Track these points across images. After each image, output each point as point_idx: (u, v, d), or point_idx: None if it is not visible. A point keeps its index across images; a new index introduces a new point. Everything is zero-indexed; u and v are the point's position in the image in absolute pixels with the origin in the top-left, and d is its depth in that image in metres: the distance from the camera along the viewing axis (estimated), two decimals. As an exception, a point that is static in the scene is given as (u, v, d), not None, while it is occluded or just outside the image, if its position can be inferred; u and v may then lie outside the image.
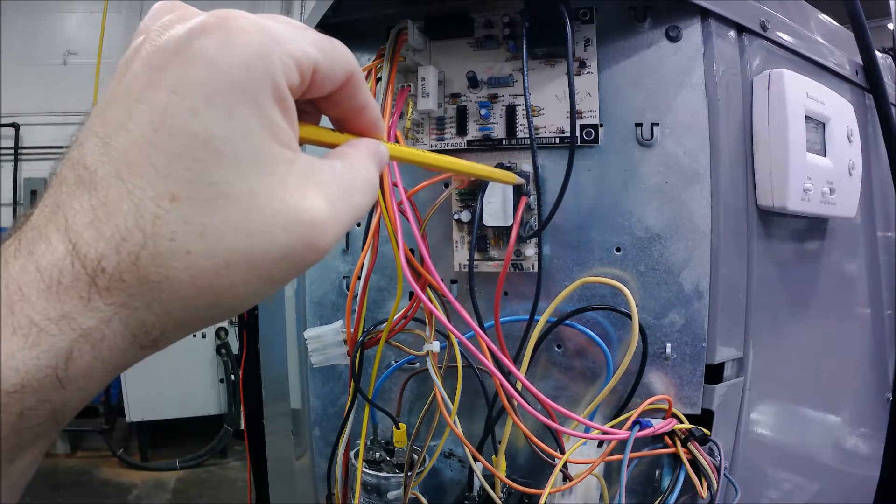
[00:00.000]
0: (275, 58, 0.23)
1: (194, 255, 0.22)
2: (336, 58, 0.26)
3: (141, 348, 0.23)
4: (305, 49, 0.24)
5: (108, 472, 3.65)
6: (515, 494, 0.63)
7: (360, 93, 0.29)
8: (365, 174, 0.28)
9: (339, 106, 0.29)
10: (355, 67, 0.28)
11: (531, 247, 0.63)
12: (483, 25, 0.65)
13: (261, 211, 0.22)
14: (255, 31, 0.23)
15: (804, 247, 0.78)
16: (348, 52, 0.27)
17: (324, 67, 0.25)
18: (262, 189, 0.23)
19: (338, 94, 0.28)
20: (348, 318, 0.65)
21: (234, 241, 0.22)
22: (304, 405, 0.75)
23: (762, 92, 0.65)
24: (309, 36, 0.25)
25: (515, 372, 0.58)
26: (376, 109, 0.31)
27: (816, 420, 0.86)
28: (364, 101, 0.29)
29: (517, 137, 0.64)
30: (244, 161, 0.22)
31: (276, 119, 0.23)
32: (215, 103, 0.22)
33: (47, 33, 4.58)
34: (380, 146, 0.30)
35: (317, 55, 0.25)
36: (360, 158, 0.28)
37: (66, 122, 4.54)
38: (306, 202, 0.24)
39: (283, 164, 0.23)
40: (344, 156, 0.28)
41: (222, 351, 3.69)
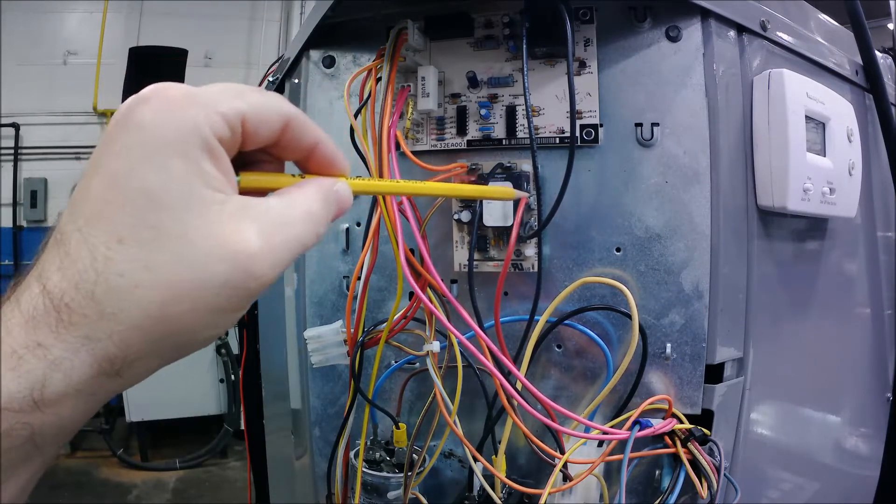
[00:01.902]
0: (200, 116, 0.27)
1: (142, 288, 0.26)
2: (266, 107, 0.29)
3: (108, 377, 0.26)
4: (231, 104, 0.28)
5: (108, 472, 3.65)
6: (515, 494, 0.63)
7: (305, 134, 0.32)
8: (305, 209, 0.30)
9: (290, 150, 0.32)
10: (292, 112, 0.31)
11: (531, 247, 0.63)
12: (483, 25, 0.65)
13: (196, 246, 0.26)
14: (183, 95, 0.27)
15: (804, 247, 0.78)
16: (283, 100, 0.31)
17: (253, 117, 0.29)
18: (196, 227, 0.26)
19: (283, 140, 0.31)
20: (348, 318, 0.65)
21: (176, 274, 0.26)
22: (304, 405, 0.75)
23: (762, 92, 0.65)
24: (238, 93, 0.29)
25: (515, 372, 0.58)
26: (330, 147, 0.33)
27: (816, 420, 0.86)
28: (313, 141, 0.32)
29: (517, 137, 0.64)
30: (178, 205, 0.26)
31: (205, 168, 0.27)
32: (151, 160, 0.26)
33: (47, 33, 4.57)
34: (335, 183, 0.32)
35: (244, 108, 0.28)
36: (303, 195, 0.31)
37: (66, 122, 4.54)
38: (238, 235, 0.27)
39: (214, 205, 0.27)
40: (285, 193, 0.31)
41: (222, 351, 3.69)
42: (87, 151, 4.58)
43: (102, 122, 4.62)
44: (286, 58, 0.83)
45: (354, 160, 0.64)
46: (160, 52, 3.65)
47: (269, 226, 0.28)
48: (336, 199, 0.32)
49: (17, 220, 4.56)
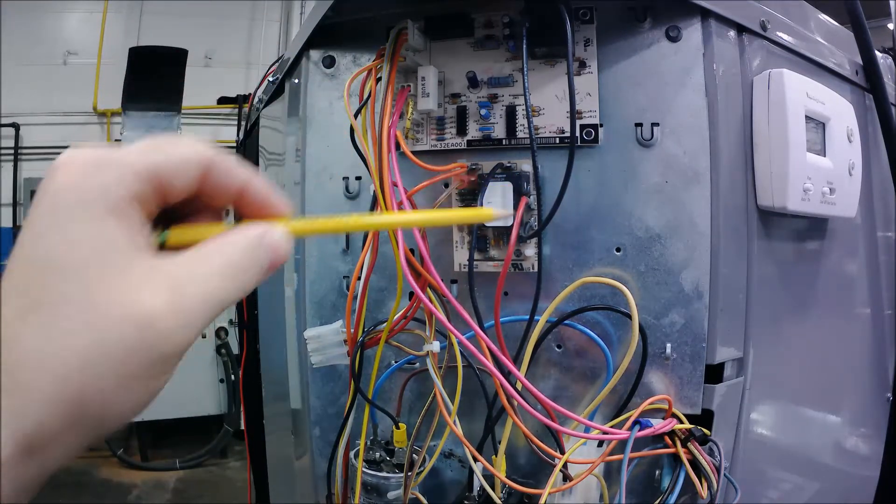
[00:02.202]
0: (109, 178, 0.27)
1: (51, 357, 0.25)
2: (179, 156, 0.28)
3: (27, 458, 0.25)
4: (142, 160, 0.27)
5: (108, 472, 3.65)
6: (515, 494, 0.63)
7: (228, 178, 0.30)
8: (221, 262, 0.29)
9: (215, 196, 0.31)
10: (209, 158, 0.29)
11: (531, 247, 0.63)
12: (483, 25, 0.65)
13: (101, 312, 0.26)
14: (92, 159, 0.27)
15: (804, 247, 0.78)
16: (198, 146, 0.29)
17: (165, 170, 0.28)
18: (101, 292, 0.26)
19: (206, 187, 0.30)
20: (348, 318, 0.65)
21: (82, 342, 0.25)
22: (304, 405, 0.75)
23: (762, 92, 0.66)
24: (150, 148, 0.28)
25: (515, 372, 0.58)
26: (260, 189, 0.31)
27: (816, 420, 0.86)
28: (239, 184, 0.31)
29: (517, 137, 0.64)
30: (82, 271, 0.26)
31: (112, 232, 0.26)
32: (55, 227, 0.26)
33: (47, 33, 4.57)
34: (265, 230, 0.30)
35: (156, 159, 0.28)
36: (220, 246, 0.29)
37: (66, 122, 4.54)
38: (142, 296, 0.26)
39: (119, 268, 0.26)
40: (202, 246, 0.29)
41: (222, 351, 3.69)
42: (88, 151, 4.58)
43: (102, 122, 4.62)
44: (286, 58, 0.83)
45: (355, 160, 0.64)
46: (160, 52, 3.65)
47: (177, 284, 0.27)
48: (267, 246, 0.30)
49: (17, 220, 4.56)
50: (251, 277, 0.30)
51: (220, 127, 4.67)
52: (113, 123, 4.53)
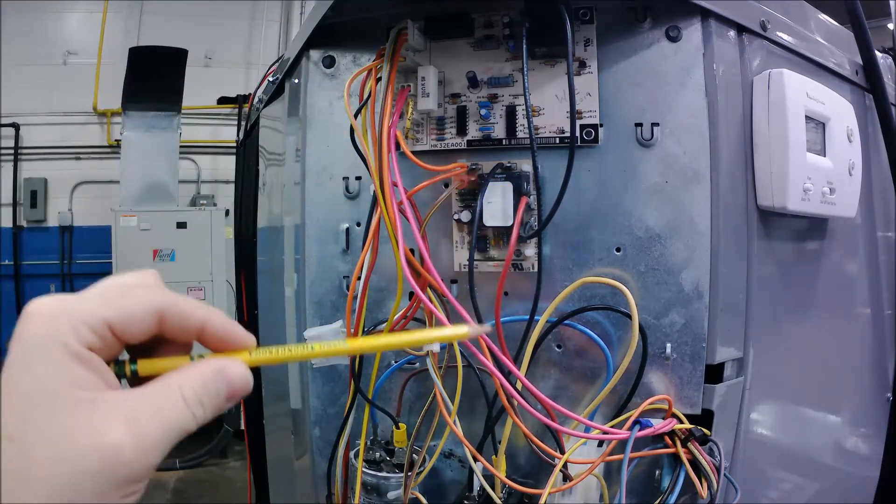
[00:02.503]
0: (66, 329, 0.30)
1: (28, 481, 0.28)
2: (131, 308, 0.32)
3: None
4: (94, 313, 0.31)
5: (108, 472, 3.64)
6: (515, 494, 0.63)
7: (186, 321, 0.33)
8: (179, 394, 0.32)
9: (177, 336, 0.34)
10: (164, 304, 0.33)
11: (531, 247, 0.63)
12: (483, 25, 0.65)
13: (68, 443, 0.29)
14: (53, 311, 0.30)
15: (804, 247, 0.78)
16: (152, 295, 0.33)
17: (118, 321, 0.31)
18: (68, 425, 0.29)
19: (165, 330, 0.33)
20: (348, 318, 0.65)
21: (53, 469, 0.29)
22: (304, 405, 0.75)
23: (762, 92, 0.65)
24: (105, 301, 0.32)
25: (515, 372, 0.58)
26: (219, 325, 0.34)
27: (816, 420, 0.86)
28: (197, 325, 0.34)
29: (517, 137, 0.64)
30: (48, 407, 0.29)
31: (75, 372, 0.30)
32: (25, 368, 0.30)
33: (47, 33, 4.57)
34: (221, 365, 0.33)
35: (108, 315, 0.31)
36: (179, 379, 0.32)
37: (66, 122, 4.55)
38: (103, 429, 0.29)
39: (84, 403, 0.30)
40: (163, 379, 0.33)
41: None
42: (87, 151, 4.59)
43: (102, 122, 4.62)
44: (286, 58, 0.83)
45: (355, 160, 0.64)
46: (160, 52, 3.65)
47: (137, 415, 0.31)
48: (222, 379, 0.33)
49: (17, 220, 4.56)
50: (209, 408, 0.33)
51: (220, 127, 4.67)
52: (113, 123, 4.53)
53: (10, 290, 4.47)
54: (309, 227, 0.73)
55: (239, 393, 0.34)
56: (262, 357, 0.35)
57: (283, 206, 0.84)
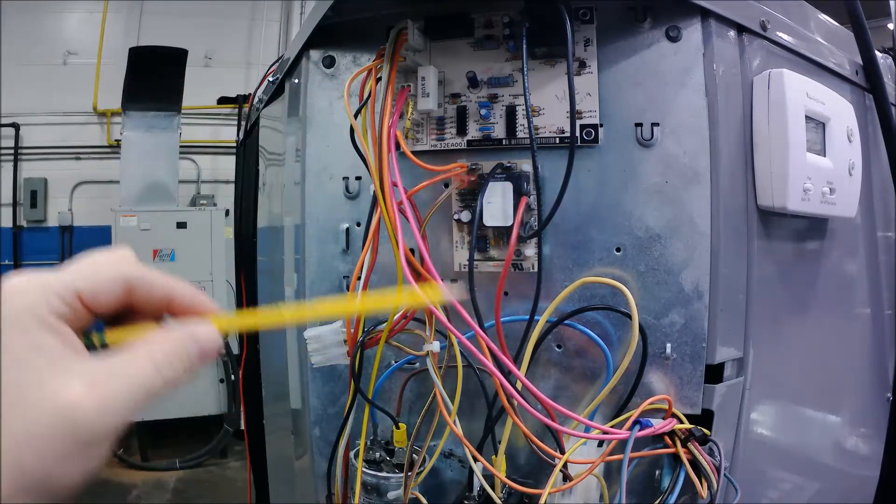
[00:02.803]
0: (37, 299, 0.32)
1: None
2: (100, 278, 0.34)
3: None
4: (64, 283, 0.33)
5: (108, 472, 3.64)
6: (515, 494, 0.63)
7: (153, 290, 0.35)
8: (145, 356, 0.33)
9: (146, 306, 0.36)
10: (131, 275, 0.35)
11: (531, 247, 0.63)
12: (483, 25, 0.65)
13: (32, 404, 0.30)
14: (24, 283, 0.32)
15: (804, 247, 0.78)
16: (121, 266, 0.35)
17: (87, 289, 0.33)
18: (32, 388, 0.31)
19: (134, 300, 0.35)
20: (348, 318, 0.65)
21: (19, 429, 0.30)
22: (304, 405, 0.75)
23: (762, 92, 0.65)
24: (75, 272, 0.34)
25: (515, 372, 0.58)
26: (186, 295, 0.36)
27: (816, 420, 0.86)
28: (165, 293, 0.36)
29: (517, 137, 0.64)
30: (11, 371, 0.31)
31: (43, 340, 0.32)
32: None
33: (47, 33, 4.57)
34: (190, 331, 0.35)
35: (77, 284, 0.33)
36: (147, 343, 0.34)
37: (66, 122, 4.54)
38: (65, 389, 0.31)
39: (48, 368, 0.31)
40: (130, 346, 0.34)
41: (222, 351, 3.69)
42: (87, 151, 4.59)
43: (102, 122, 4.62)
44: (286, 58, 0.83)
45: (355, 160, 0.64)
46: (160, 52, 3.65)
47: (100, 377, 0.32)
48: (192, 342, 0.35)
49: (17, 220, 4.56)
50: (178, 369, 0.34)
51: (220, 127, 4.67)
52: (113, 123, 4.53)
53: (10, 290, 4.46)
54: (309, 227, 0.73)
55: (209, 354, 0.35)
56: (227, 322, 0.37)
57: (283, 206, 0.84)
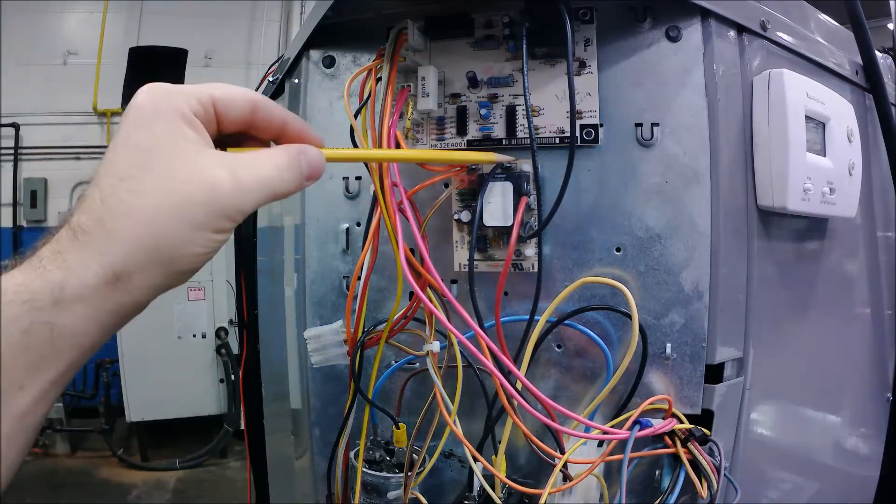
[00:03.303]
0: (177, 97, 0.37)
1: (135, 209, 0.34)
2: (232, 92, 0.39)
3: (113, 287, 0.34)
4: (202, 90, 0.38)
5: (108, 472, 3.65)
6: (515, 494, 0.63)
7: (273, 114, 0.40)
8: (271, 159, 0.39)
9: (263, 129, 0.41)
10: (257, 97, 0.40)
11: (531, 247, 0.63)
12: (483, 25, 0.65)
13: (175, 177, 0.35)
14: (166, 86, 0.37)
15: (804, 247, 0.78)
16: (249, 90, 0.40)
17: (221, 99, 0.38)
18: (175, 166, 0.35)
19: (255, 120, 0.40)
20: (348, 318, 0.65)
21: (160, 197, 0.35)
22: (304, 405, 0.75)
23: (762, 92, 0.65)
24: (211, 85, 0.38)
25: (515, 372, 0.58)
26: (298, 124, 0.42)
27: (816, 420, 0.86)
28: (282, 119, 0.41)
29: (517, 137, 0.64)
30: (161, 152, 0.35)
31: (183, 130, 0.36)
32: (140, 126, 0.36)
33: (47, 33, 4.57)
34: (303, 147, 0.41)
35: (213, 92, 0.38)
36: (271, 151, 0.40)
37: (66, 122, 4.54)
38: (208, 169, 0.36)
39: (190, 152, 0.36)
40: (257, 150, 0.40)
41: (222, 351, 3.69)
42: (87, 151, 4.58)
43: (102, 122, 4.62)
44: (286, 58, 0.83)
45: (354, 160, 0.64)
46: (160, 52, 3.65)
47: (237, 165, 0.37)
48: (304, 158, 0.40)
49: (17, 220, 4.56)
50: (293, 177, 0.39)
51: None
52: (113, 123, 4.53)
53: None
54: (309, 227, 0.73)
55: (316, 172, 0.41)
56: (332, 152, 0.43)
57: (283, 206, 0.84)
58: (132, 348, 3.52)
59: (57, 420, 3.77)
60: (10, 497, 0.36)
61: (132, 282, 0.34)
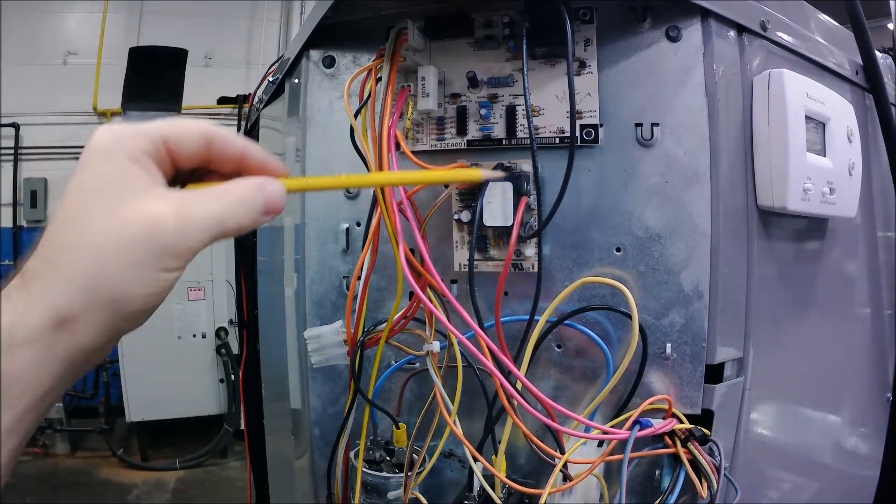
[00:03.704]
0: (127, 137, 0.36)
1: (79, 248, 0.34)
2: (183, 129, 0.38)
3: (59, 330, 0.33)
4: (153, 129, 0.37)
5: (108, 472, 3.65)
6: (515, 494, 0.63)
7: (230, 147, 0.39)
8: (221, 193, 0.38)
9: (222, 162, 0.39)
10: (211, 131, 0.39)
11: (531, 247, 0.63)
12: (483, 25, 0.65)
13: (118, 216, 0.35)
14: (118, 126, 0.37)
15: (804, 247, 0.78)
16: (204, 124, 0.39)
17: (172, 137, 0.37)
18: (119, 205, 0.35)
19: (212, 154, 0.39)
20: (348, 318, 0.65)
21: (103, 237, 0.34)
22: (304, 405, 0.75)
23: (762, 92, 0.65)
24: (163, 122, 0.38)
25: (515, 372, 0.58)
26: (258, 155, 0.40)
27: (816, 420, 0.86)
28: (241, 151, 0.39)
29: (517, 137, 0.64)
30: (107, 192, 0.35)
31: (131, 170, 0.36)
32: (89, 167, 0.36)
33: (47, 33, 4.57)
34: (261, 180, 0.39)
35: (164, 131, 0.37)
36: (223, 185, 0.38)
37: (66, 122, 4.54)
38: (152, 207, 0.35)
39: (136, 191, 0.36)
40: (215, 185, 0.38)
41: (222, 351, 3.69)
42: (87, 151, 4.58)
43: (102, 122, 4.60)
44: (286, 58, 0.83)
45: (355, 160, 0.64)
46: (160, 52, 3.65)
47: (184, 202, 0.36)
48: (261, 191, 0.39)
49: (17, 220, 4.56)
50: (246, 213, 0.38)
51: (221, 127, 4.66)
52: (113, 123, 4.52)
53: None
54: (309, 227, 0.73)
55: (274, 207, 0.39)
56: (294, 182, 0.41)
57: (283, 206, 0.84)
58: (132, 348, 3.52)
59: (57, 420, 3.77)
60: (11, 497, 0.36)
61: (79, 324, 0.34)
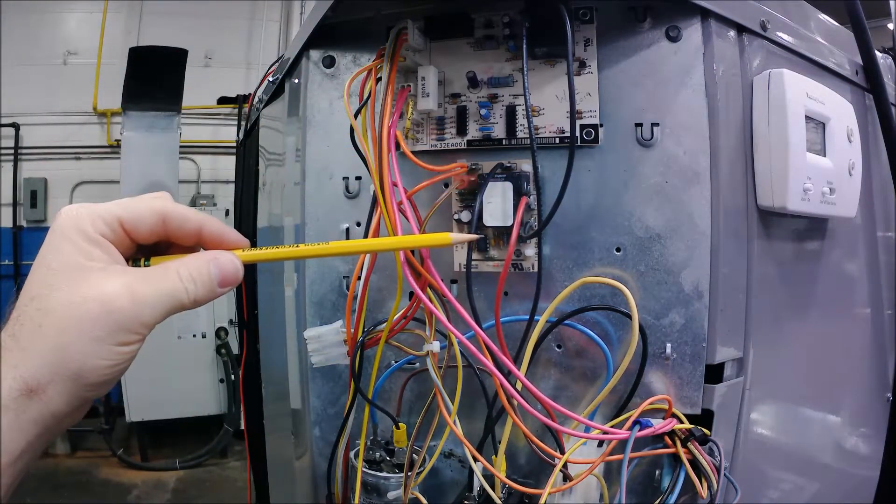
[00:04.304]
0: (84, 219, 0.39)
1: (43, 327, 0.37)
2: (137, 209, 0.41)
3: (28, 399, 0.36)
4: (108, 210, 0.40)
5: (108, 472, 3.65)
6: (515, 494, 0.63)
7: (186, 223, 0.42)
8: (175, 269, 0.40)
9: (180, 237, 0.42)
10: (165, 208, 0.41)
11: (531, 247, 0.63)
12: (483, 25, 0.65)
13: (77, 295, 0.38)
14: (76, 208, 0.40)
15: (804, 247, 0.78)
16: (159, 201, 0.42)
17: (125, 218, 0.40)
18: (78, 284, 0.38)
19: (169, 231, 0.42)
20: (348, 318, 0.65)
21: (64, 315, 0.37)
22: (304, 405, 0.75)
23: (762, 92, 0.65)
24: (118, 203, 0.41)
25: (515, 372, 0.58)
26: (214, 228, 0.43)
27: (816, 420, 0.86)
28: (197, 225, 0.42)
29: (517, 137, 0.64)
30: (66, 272, 0.38)
31: (89, 250, 0.39)
32: (51, 248, 0.39)
33: (47, 33, 4.57)
34: (216, 254, 0.42)
35: (117, 212, 0.40)
36: (178, 261, 0.41)
37: (66, 122, 4.54)
38: (106, 286, 0.38)
39: (93, 271, 0.39)
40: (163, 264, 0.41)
41: (222, 351, 3.69)
42: (87, 151, 4.59)
43: (102, 122, 4.62)
44: (286, 58, 0.83)
45: (355, 160, 0.64)
46: (160, 52, 3.65)
47: (137, 280, 0.39)
48: (215, 264, 0.41)
49: (17, 220, 4.56)
50: (202, 287, 0.40)
51: (220, 127, 4.67)
52: (113, 123, 4.53)
53: (10, 289, 4.46)
54: (309, 227, 0.73)
55: (229, 279, 0.41)
56: (249, 254, 0.43)
57: (283, 206, 0.84)
58: (132, 348, 3.52)
59: (57, 420, 3.77)
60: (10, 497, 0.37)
61: (46, 393, 0.36)
